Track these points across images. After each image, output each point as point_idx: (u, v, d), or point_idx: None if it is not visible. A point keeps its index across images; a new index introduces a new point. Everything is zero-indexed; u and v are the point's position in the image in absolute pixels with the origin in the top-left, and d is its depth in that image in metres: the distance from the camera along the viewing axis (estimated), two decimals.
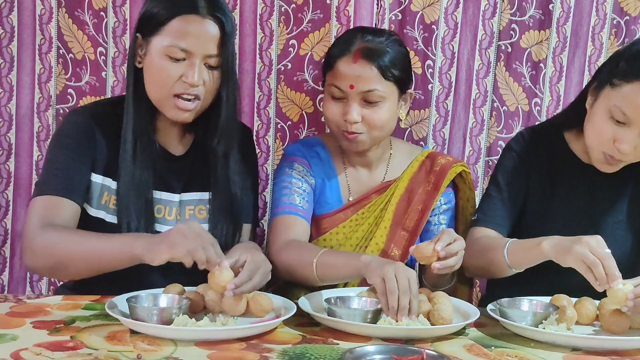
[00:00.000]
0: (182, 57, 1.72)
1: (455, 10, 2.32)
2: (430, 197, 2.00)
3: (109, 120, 1.81)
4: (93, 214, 1.78)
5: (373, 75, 1.87)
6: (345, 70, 1.87)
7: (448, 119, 2.36)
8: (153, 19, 1.74)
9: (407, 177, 2.03)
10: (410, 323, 1.51)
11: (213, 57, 1.74)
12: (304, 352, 1.36)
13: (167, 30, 1.72)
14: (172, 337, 1.39)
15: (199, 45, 1.72)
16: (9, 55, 2.24)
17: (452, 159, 2.05)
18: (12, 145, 2.27)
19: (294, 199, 1.96)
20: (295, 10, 2.26)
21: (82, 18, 2.25)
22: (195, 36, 1.71)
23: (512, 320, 1.55)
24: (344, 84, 1.88)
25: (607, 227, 1.90)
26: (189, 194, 1.88)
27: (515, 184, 1.95)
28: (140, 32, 1.77)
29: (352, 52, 1.87)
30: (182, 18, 1.72)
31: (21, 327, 1.43)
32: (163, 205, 1.84)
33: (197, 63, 1.72)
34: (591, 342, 1.50)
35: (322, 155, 2.06)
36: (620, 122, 1.73)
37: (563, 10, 2.32)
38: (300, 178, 1.99)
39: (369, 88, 1.87)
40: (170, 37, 1.71)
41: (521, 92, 2.37)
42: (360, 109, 1.88)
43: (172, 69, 1.72)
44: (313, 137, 2.16)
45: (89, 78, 2.28)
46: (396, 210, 2.00)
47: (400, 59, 1.92)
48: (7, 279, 2.32)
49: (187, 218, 1.86)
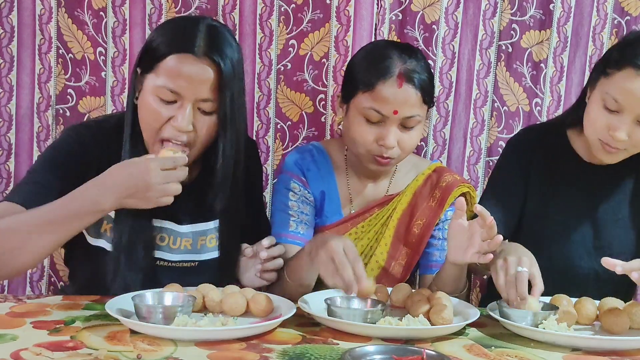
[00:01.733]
0: (173, 100, 1.62)
1: (455, 10, 2.31)
2: (434, 214, 1.95)
3: (111, 142, 1.72)
4: (92, 243, 1.74)
5: (416, 100, 1.81)
6: (388, 94, 1.79)
7: (449, 119, 2.36)
8: (150, 54, 1.65)
9: (410, 192, 1.98)
10: (410, 323, 1.51)
11: (208, 101, 1.63)
12: (304, 352, 1.35)
13: (161, 69, 1.62)
14: (172, 337, 1.39)
15: (190, 89, 1.60)
16: (8, 55, 2.25)
17: (459, 178, 2.00)
18: (12, 145, 2.28)
19: (290, 225, 1.91)
20: (295, 10, 2.26)
21: (81, 18, 2.25)
22: (187, 78, 1.60)
23: (512, 320, 1.55)
24: (387, 109, 1.80)
25: (607, 225, 1.90)
26: (197, 224, 1.82)
27: (514, 185, 1.95)
28: (140, 66, 1.68)
29: (395, 76, 1.79)
30: (176, 57, 1.61)
31: (21, 327, 1.43)
32: (167, 235, 1.78)
33: (188, 107, 1.61)
34: (591, 342, 1.49)
35: (322, 165, 1.99)
36: (614, 110, 1.74)
37: (564, 10, 2.32)
38: (297, 200, 1.94)
39: (411, 114, 1.81)
40: (163, 77, 1.61)
41: (522, 92, 2.37)
42: (397, 133, 1.83)
43: (162, 110, 1.62)
44: (314, 143, 2.07)
45: (88, 78, 2.28)
46: (398, 226, 1.96)
47: (433, 79, 1.90)
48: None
49: (198, 248, 1.82)
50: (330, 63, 2.28)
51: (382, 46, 1.90)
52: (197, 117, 1.64)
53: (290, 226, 1.91)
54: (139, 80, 1.68)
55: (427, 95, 1.83)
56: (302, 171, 1.97)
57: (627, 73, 1.71)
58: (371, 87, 1.80)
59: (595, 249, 1.88)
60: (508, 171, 1.98)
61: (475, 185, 2.38)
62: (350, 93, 1.86)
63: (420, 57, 1.87)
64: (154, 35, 1.69)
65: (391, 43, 1.95)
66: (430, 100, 1.86)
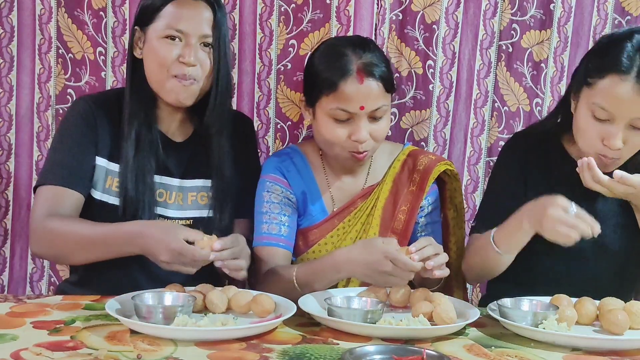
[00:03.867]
0: (179, 37, 1.80)
1: (456, 10, 2.31)
2: (415, 198, 1.97)
3: (112, 107, 1.87)
4: (98, 197, 1.84)
5: (379, 92, 1.83)
6: (351, 92, 1.80)
7: (449, 119, 2.36)
8: (149, 8, 1.83)
9: (390, 179, 2.00)
10: (410, 323, 1.51)
11: (208, 37, 1.82)
12: (304, 352, 1.35)
13: (163, 16, 1.80)
14: (172, 337, 1.39)
15: (194, 26, 1.80)
16: (8, 55, 2.24)
17: (435, 157, 2.02)
18: (12, 145, 2.27)
19: (273, 228, 1.92)
20: (295, 10, 2.26)
21: (81, 18, 2.25)
22: (189, 18, 1.80)
23: (512, 320, 1.55)
24: (353, 106, 1.81)
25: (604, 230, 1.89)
26: (190, 180, 1.92)
27: (513, 187, 1.94)
28: (138, 24, 1.85)
29: (354, 72, 1.80)
30: (175, 3, 1.81)
31: (21, 327, 1.43)
32: (164, 190, 1.88)
33: (193, 43, 1.80)
34: (591, 342, 1.49)
35: (301, 167, 2.00)
36: (604, 120, 1.72)
37: (564, 10, 2.32)
38: (279, 202, 1.95)
39: (377, 106, 1.83)
40: (166, 21, 1.80)
41: (522, 92, 2.37)
42: (368, 126, 1.85)
43: (170, 49, 1.79)
44: (291, 146, 2.10)
45: (88, 78, 2.27)
46: (383, 214, 1.97)
47: (389, 67, 1.90)
48: (7, 279, 2.32)
49: (189, 204, 1.91)
50: None
51: (334, 44, 1.92)
52: (200, 52, 1.82)
53: (272, 229, 1.92)
54: (138, 38, 1.86)
55: (388, 84, 1.85)
56: (282, 172, 1.98)
57: (611, 80, 1.68)
58: (333, 88, 1.82)
59: (593, 251, 1.88)
60: (506, 174, 1.96)
61: (475, 186, 2.38)
62: (314, 97, 1.88)
63: (374, 48, 1.89)
64: None
65: (342, 40, 2.00)
66: (391, 87, 1.89)
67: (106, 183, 1.85)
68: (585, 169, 1.71)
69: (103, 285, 1.77)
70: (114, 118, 1.86)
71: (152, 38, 1.81)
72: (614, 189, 1.71)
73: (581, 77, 1.78)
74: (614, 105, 1.69)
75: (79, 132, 1.84)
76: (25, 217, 2.29)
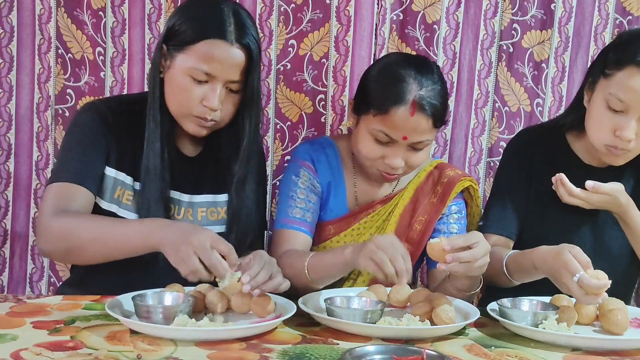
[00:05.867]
0: (205, 80, 1.72)
1: (456, 10, 2.31)
2: (435, 210, 1.96)
3: (123, 117, 1.81)
4: (105, 207, 1.79)
5: (427, 127, 1.80)
6: (399, 121, 1.77)
7: (450, 119, 2.36)
8: (180, 36, 1.74)
9: (412, 187, 1.99)
10: (410, 323, 1.51)
11: (236, 82, 1.75)
12: (304, 352, 1.35)
13: (193, 51, 1.71)
14: (172, 337, 1.39)
15: (223, 71, 1.71)
16: (8, 55, 2.25)
17: (461, 172, 2.01)
18: (12, 145, 2.28)
19: (297, 212, 1.93)
20: (294, 10, 2.26)
21: (81, 18, 2.25)
22: (220, 61, 1.71)
23: (512, 320, 1.55)
24: (396, 134, 1.79)
25: (606, 228, 1.90)
26: (200, 195, 1.89)
27: (518, 185, 1.95)
28: (166, 43, 1.76)
29: (409, 104, 1.76)
30: (209, 42, 1.70)
31: (21, 327, 1.43)
32: (173, 205, 1.85)
33: (219, 88, 1.73)
34: (591, 342, 1.49)
35: (332, 159, 2.00)
36: (618, 111, 1.74)
37: (565, 10, 2.32)
38: (305, 188, 1.96)
39: (421, 139, 1.81)
40: (195, 59, 1.71)
41: (523, 93, 2.37)
42: (404, 154, 1.83)
43: (194, 90, 1.72)
44: (326, 137, 2.10)
45: (87, 78, 2.27)
46: (399, 222, 1.96)
47: (447, 101, 1.87)
48: (7, 279, 2.32)
49: (199, 220, 1.87)
50: (330, 63, 2.28)
51: (398, 64, 1.85)
52: (224, 96, 1.75)
53: (296, 213, 1.93)
54: (165, 58, 1.77)
55: (438, 120, 1.82)
56: (312, 160, 1.98)
57: (629, 71, 1.71)
58: (383, 111, 1.78)
59: (595, 251, 1.87)
60: (512, 172, 1.97)
61: None
62: (362, 109, 1.85)
63: (437, 78, 1.83)
64: (179, 17, 1.76)
65: (407, 60, 1.88)
66: (441, 123, 1.85)
67: (115, 193, 1.80)
68: (560, 185, 1.75)
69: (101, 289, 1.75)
70: (125, 128, 1.80)
71: (178, 69, 1.74)
72: (590, 200, 1.76)
73: (598, 69, 1.80)
74: (630, 96, 1.71)
75: (91, 135, 1.78)
76: (25, 217, 2.29)
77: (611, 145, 1.77)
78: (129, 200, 1.80)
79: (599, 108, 1.78)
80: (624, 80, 1.72)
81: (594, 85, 1.81)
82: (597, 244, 1.91)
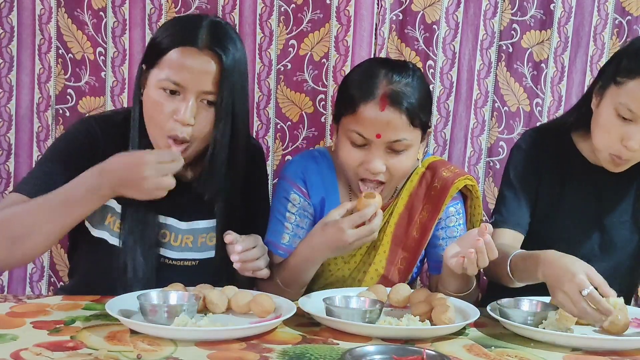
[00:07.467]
0: (176, 91, 1.63)
1: (456, 10, 2.31)
2: (430, 216, 1.89)
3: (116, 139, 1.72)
4: (95, 235, 1.76)
5: (401, 124, 1.71)
6: (370, 117, 1.70)
7: (449, 119, 2.36)
8: (154, 49, 1.68)
9: (406, 194, 1.91)
10: (410, 323, 1.51)
11: (210, 94, 1.65)
12: (304, 352, 1.35)
13: (164, 62, 1.64)
14: (172, 337, 1.39)
15: (193, 80, 1.62)
16: (8, 55, 2.24)
17: (456, 171, 1.91)
18: (12, 145, 2.27)
19: (284, 238, 1.85)
20: (295, 10, 2.26)
21: (81, 18, 2.25)
22: (189, 70, 1.62)
23: (512, 320, 1.55)
24: (369, 132, 1.71)
25: (612, 227, 1.90)
26: (199, 222, 1.82)
27: (528, 182, 1.93)
28: (144, 62, 1.71)
29: (377, 97, 1.70)
30: (179, 50, 1.63)
31: (21, 327, 1.43)
32: (168, 231, 1.80)
33: (191, 100, 1.63)
34: (591, 342, 1.49)
35: (326, 171, 1.91)
36: (627, 119, 1.73)
37: (564, 10, 2.32)
38: (296, 212, 1.87)
39: (397, 138, 1.72)
40: (166, 70, 1.63)
41: (522, 93, 2.37)
42: (384, 157, 1.74)
43: (165, 104, 1.64)
44: (321, 149, 2.00)
45: (88, 78, 2.27)
46: (395, 232, 1.89)
47: (427, 101, 1.79)
48: (7, 279, 2.32)
49: (199, 246, 1.82)
50: (330, 63, 2.28)
51: (371, 65, 1.81)
52: (199, 110, 1.65)
53: (283, 238, 1.86)
54: (144, 77, 1.70)
55: (415, 118, 1.73)
56: (303, 180, 1.89)
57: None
58: (353, 109, 1.72)
59: (601, 250, 1.89)
60: (523, 170, 1.95)
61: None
62: (338, 114, 1.80)
63: (413, 76, 1.76)
64: (158, 32, 1.73)
65: (383, 61, 1.86)
66: (421, 123, 1.76)
67: (105, 220, 1.74)
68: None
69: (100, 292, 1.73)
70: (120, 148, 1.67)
71: (151, 84, 1.66)
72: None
73: (609, 75, 1.78)
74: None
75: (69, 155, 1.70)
76: None
77: (616, 155, 1.76)
78: (119, 228, 1.74)
79: (607, 115, 1.76)
80: (635, 91, 1.70)
81: (604, 90, 1.78)
82: (603, 244, 1.91)
